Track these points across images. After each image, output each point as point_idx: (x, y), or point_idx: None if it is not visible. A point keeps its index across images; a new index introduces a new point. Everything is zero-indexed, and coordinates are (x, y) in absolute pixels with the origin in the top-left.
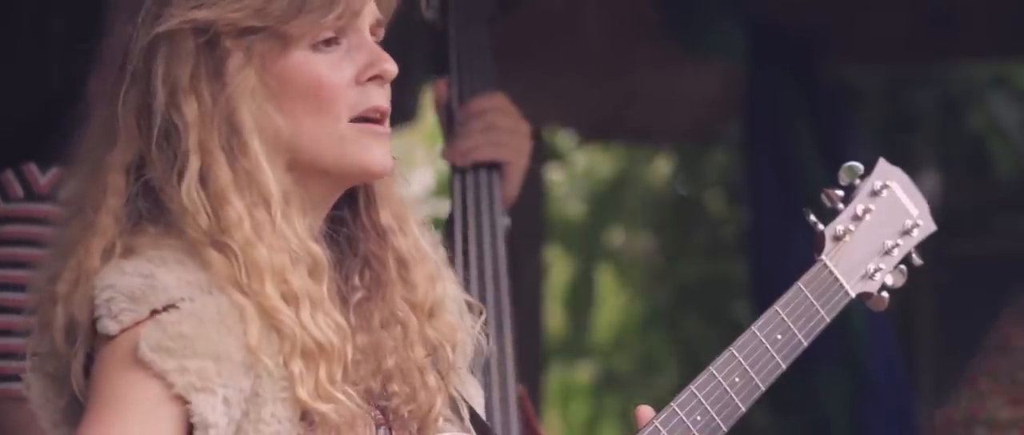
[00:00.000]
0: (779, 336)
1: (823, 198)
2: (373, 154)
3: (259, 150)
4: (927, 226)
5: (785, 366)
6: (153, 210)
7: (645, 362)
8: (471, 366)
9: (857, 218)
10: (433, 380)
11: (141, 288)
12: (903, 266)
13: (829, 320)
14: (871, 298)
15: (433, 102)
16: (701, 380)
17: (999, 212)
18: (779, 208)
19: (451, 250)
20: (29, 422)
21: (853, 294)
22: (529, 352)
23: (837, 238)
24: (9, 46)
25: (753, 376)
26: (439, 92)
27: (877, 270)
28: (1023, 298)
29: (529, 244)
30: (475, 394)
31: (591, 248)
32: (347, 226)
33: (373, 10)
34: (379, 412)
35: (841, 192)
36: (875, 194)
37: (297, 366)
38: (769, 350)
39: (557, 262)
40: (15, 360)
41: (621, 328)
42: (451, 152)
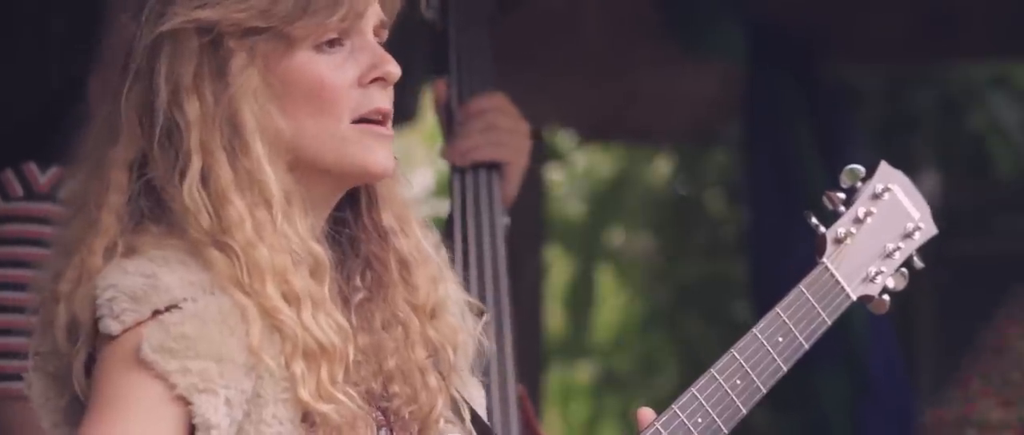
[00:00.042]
0: (780, 338)
1: (825, 201)
2: (375, 155)
3: (261, 150)
4: (928, 229)
5: (786, 368)
6: (155, 209)
7: (645, 362)
8: (472, 367)
9: (858, 221)
10: (434, 381)
11: (143, 288)
12: (904, 269)
13: (830, 323)
14: (872, 301)
15: (433, 102)
16: (702, 382)
17: (999, 212)
18: (779, 208)
19: (451, 250)
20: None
21: (854, 297)
22: (529, 352)
23: (838, 241)
24: (9, 46)
25: (754, 378)
26: (438, 92)
27: (878, 273)
28: (1018, 299)
29: (529, 244)
30: (476, 395)
31: (591, 248)
32: (349, 227)
33: (377, 11)
34: (380, 413)
35: (842, 195)
36: (876, 197)
37: (299, 367)
38: (770, 352)
39: (557, 262)
40: (15, 359)
41: (621, 328)
42: (451, 152)
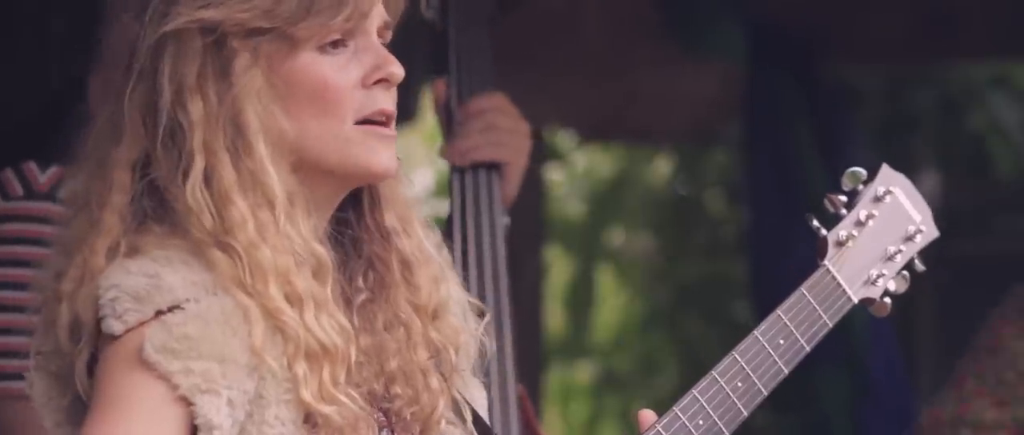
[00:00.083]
0: (781, 341)
1: (826, 203)
2: (378, 156)
3: (264, 151)
4: (930, 232)
5: (788, 371)
6: (158, 209)
7: (645, 362)
8: (474, 368)
9: (860, 224)
10: (436, 382)
11: (146, 288)
12: (906, 272)
13: (831, 325)
14: (874, 304)
15: (433, 102)
16: (703, 384)
17: (999, 212)
18: (779, 208)
19: (450, 250)
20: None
21: (856, 300)
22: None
23: (840, 243)
24: (9, 46)
25: (755, 381)
26: (438, 92)
27: (880, 276)
28: (1014, 298)
29: (529, 244)
30: (478, 397)
31: (591, 248)
32: (352, 228)
33: (381, 12)
34: (382, 414)
35: (844, 197)
36: (878, 200)
37: (301, 368)
38: (772, 355)
39: (557, 262)
40: (15, 359)
41: (621, 328)
42: (450, 152)
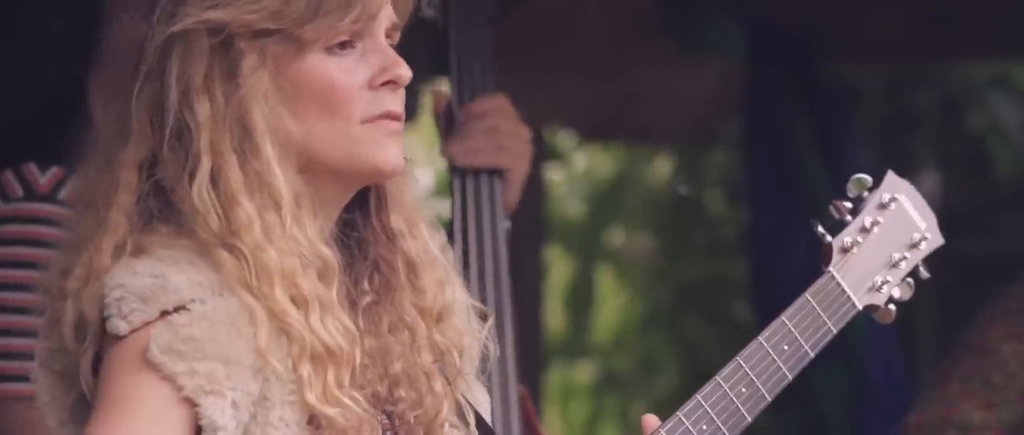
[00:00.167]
0: (785, 347)
1: (831, 210)
2: (387, 153)
3: (271, 152)
4: (935, 240)
5: (792, 377)
6: (164, 210)
7: (645, 362)
8: (477, 371)
9: (865, 230)
10: (440, 386)
11: (152, 288)
12: (910, 279)
13: (836, 332)
14: (878, 311)
15: (431, 112)
16: (707, 389)
17: (999, 212)
18: (779, 208)
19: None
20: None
21: (860, 306)
22: (529, 352)
23: (845, 250)
24: (9, 46)
25: (759, 386)
26: (436, 102)
27: (884, 283)
28: (1003, 299)
29: (529, 244)
30: (482, 400)
31: (591, 248)
32: (357, 229)
33: (389, 13)
34: (385, 417)
35: (849, 204)
36: (883, 207)
37: (305, 370)
38: (776, 361)
39: (557, 262)
40: (15, 360)
41: (621, 328)
42: (451, 149)
